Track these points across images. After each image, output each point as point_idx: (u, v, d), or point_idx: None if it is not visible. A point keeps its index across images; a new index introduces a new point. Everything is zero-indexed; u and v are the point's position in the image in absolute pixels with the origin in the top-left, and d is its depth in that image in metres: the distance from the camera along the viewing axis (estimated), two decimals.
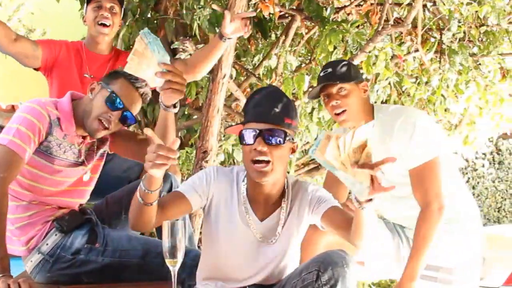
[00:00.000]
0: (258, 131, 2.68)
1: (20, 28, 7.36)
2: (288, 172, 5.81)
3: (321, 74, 3.47)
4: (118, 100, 3.06)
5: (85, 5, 4.01)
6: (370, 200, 2.41)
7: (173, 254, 2.42)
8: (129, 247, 3.19)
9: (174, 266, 2.43)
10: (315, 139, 2.36)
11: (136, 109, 3.16)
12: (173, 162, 2.39)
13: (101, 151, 3.33)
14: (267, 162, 2.67)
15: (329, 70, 3.45)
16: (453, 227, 3.51)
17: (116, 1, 3.98)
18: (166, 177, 3.54)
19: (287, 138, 2.69)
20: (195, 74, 4.10)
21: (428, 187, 3.34)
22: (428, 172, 3.35)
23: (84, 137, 3.19)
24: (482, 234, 3.67)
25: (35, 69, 3.96)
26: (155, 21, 5.61)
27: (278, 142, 2.67)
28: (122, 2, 4.05)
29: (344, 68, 3.52)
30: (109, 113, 3.05)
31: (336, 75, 3.42)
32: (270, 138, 2.67)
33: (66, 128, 3.10)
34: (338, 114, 3.40)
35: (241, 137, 2.75)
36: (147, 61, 2.97)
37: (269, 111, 2.71)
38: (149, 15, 5.58)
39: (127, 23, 5.19)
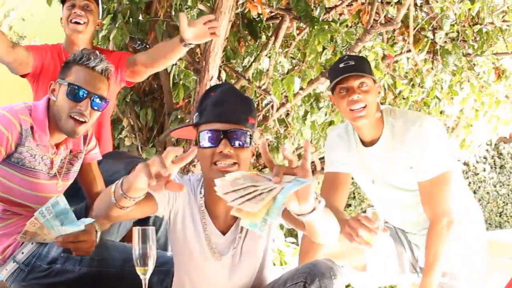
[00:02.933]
0: (222, 132, 2.47)
1: (11, 34, 7.30)
2: None
3: (341, 65, 3.31)
4: (79, 89, 2.94)
5: (62, 5, 3.95)
6: (313, 210, 2.17)
7: (143, 261, 2.33)
8: (107, 256, 3.11)
9: (144, 274, 2.35)
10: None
11: (103, 89, 3.02)
12: (160, 182, 2.01)
13: (73, 169, 3.23)
14: (233, 164, 2.46)
15: (351, 62, 3.31)
16: (458, 232, 3.41)
17: None
18: None
19: (251, 140, 2.52)
20: (153, 68, 4.07)
21: (438, 202, 3.27)
22: (439, 186, 3.27)
23: (57, 147, 3.09)
24: (486, 237, 3.62)
25: (22, 76, 3.87)
26: (147, 23, 5.53)
27: (244, 144, 2.49)
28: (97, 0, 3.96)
29: (365, 63, 3.42)
30: (77, 106, 2.94)
31: (359, 68, 3.29)
32: (236, 140, 2.47)
33: (39, 138, 2.99)
34: (355, 110, 3.25)
35: (200, 139, 2.51)
36: (41, 237, 2.82)
37: (232, 110, 2.51)
38: (140, 17, 5.51)
39: (117, 25, 5.11)
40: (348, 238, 2.84)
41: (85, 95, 2.94)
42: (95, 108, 2.99)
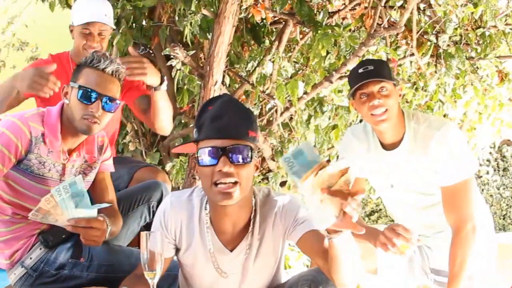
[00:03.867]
0: (221, 149, 2.35)
1: (14, 41, 7.32)
2: (285, 183, 5.75)
3: (360, 70, 3.30)
4: (89, 92, 2.94)
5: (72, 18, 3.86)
6: (338, 231, 2.17)
7: (151, 266, 2.34)
8: (115, 262, 3.11)
9: (152, 278, 2.36)
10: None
11: (114, 90, 3.01)
12: None
13: (87, 178, 3.23)
14: (234, 183, 2.37)
15: (370, 67, 3.29)
16: None
17: (105, 25, 3.84)
18: (157, 185, 3.49)
19: (253, 154, 2.41)
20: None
21: (461, 208, 3.27)
22: (462, 192, 3.27)
23: (69, 153, 3.09)
24: (495, 239, 3.61)
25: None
26: (151, 28, 5.56)
27: (245, 160, 2.38)
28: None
29: (385, 67, 3.40)
30: (88, 108, 2.94)
31: (378, 73, 3.28)
32: (236, 156, 2.36)
33: (50, 143, 2.99)
34: (376, 115, 3.24)
35: (199, 157, 2.41)
36: (54, 217, 2.79)
37: (231, 124, 2.39)
38: (143, 23, 5.54)
39: (121, 31, 5.13)
40: (383, 248, 2.86)
41: (95, 97, 2.94)
42: (106, 109, 2.99)
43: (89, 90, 2.94)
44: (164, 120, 3.78)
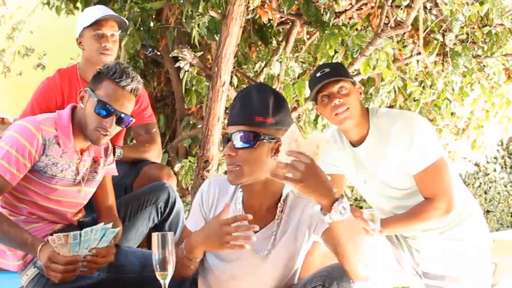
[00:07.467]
0: (228, 136, 2.57)
1: (19, 48, 7.31)
2: None
3: (318, 74, 3.34)
4: (107, 107, 2.98)
5: (81, 26, 3.79)
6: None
7: (163, 266, 2.36)
8: (125, 262, 3.13)
9: (164, 279, 2.39)
10: None
11: (129, 107, 3.07)
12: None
13: (98, 177, 3.27)
14: (238, 165, 2.53)
15: (327, 69, 3.34)
16: (457, 233, 3.41)
17: (116, 26, 3.81)
18: (164, 187, 3.53)
19: (259, 138, 2.50)
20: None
21: (437, 187, 3.24)
22: (435, 173, 3.26)
23: (81, 153, 3.14)
24: (489, 239, 3.55)
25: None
26: (158, 30, 5.59)
27: (245, 145, 2.51)
28: (121, 25, 3.88)
29: (341, 68, 3.48)
30: (103, 121, 2.99)
31: (335, 73, 3.33)
32: (238, 141, 2.53)
33: (64, 144, 3.04)
34: (339, 113, 3.27)
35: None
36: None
37: (239, 111, 2.56)
38: (151, 25, 5.56)
39: (128, 32, 5.15)
40: None
41: (112, 113, 2.99)
42: (119, 125, 3.05)
43: (108, 105, 2.98)
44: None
